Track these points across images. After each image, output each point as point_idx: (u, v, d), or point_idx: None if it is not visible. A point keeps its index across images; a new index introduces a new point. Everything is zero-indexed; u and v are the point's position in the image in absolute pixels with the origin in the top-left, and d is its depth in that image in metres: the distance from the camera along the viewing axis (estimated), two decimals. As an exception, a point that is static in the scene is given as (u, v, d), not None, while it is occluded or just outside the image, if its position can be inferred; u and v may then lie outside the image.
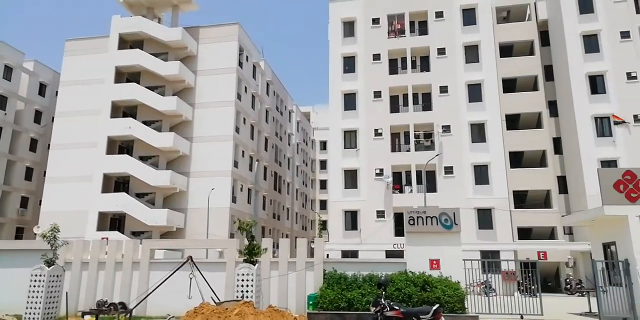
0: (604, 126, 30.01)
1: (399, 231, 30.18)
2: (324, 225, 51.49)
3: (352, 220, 32.76)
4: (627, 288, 12.66)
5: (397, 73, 35.00)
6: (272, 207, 42.72)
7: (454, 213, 13.65)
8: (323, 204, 58.66)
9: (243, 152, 35.87)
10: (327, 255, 28.02)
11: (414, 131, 33.32)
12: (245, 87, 37.03)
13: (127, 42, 35.71)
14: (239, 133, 35.04)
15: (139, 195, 32.14)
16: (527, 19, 35.10)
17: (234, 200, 33.30)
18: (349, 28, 36.29)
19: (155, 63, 33.57)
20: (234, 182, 33.55)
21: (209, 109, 34.05)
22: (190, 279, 12.01)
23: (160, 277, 12.68)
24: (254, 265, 11.63)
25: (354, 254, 30.58)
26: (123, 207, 30.58)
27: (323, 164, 61.12)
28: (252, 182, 37.13)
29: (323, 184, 60.45)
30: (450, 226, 13.54)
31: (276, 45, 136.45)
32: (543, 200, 31.65)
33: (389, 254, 29.45)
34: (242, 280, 11.37)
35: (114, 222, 32.50)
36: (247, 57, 37.65)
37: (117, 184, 33.54)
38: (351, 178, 33.48)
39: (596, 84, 30.70)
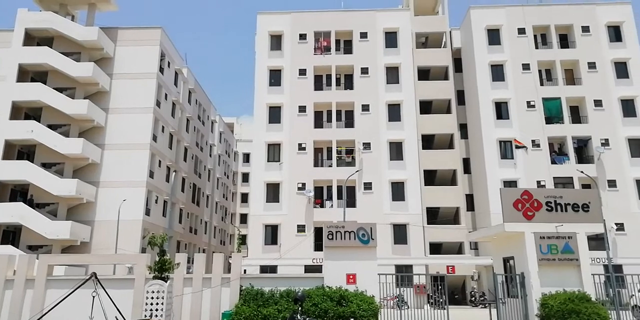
0: (507, 149, 32.74)
1: (318, 246, 30.37)
2: (243, 239, 50.53)
3: (272, 234, 32.46)
4: (522, 300, 13.69)
5: (322, 89, 35.68)
6: (189, 220, 41.15)
7: (371, 228, 13.99)
8: (243, 218, 57.65)
9: (160, 161, 34.33)
10: (245, 271, 27.46)
11: (337, 147, 34.02)
12: (166, 94, 35.70)
13: (34, 39, 32.98)
14: (156, 142, 33.55)
15: (39, 206, 29.39)
16: (443, 46, 37.64)
17: (147, 212, 31.62)
18: (276, 41, 36.52)
19: (66, 63, 31.29)
20: (148, 194, 31.90)
21: (125, 115, 32.29)
22: (93, 297, 11.09)
23: (59, 295, 11.57)
24: (165, 281, 11.04)
25: (273, 269, 30.22)
26: (19, 218, 27.74)
27: (245, 177, 60.26)
28: (169, 194, 35.56)
29: (244, 198, 59.46)
30: (367, 241, 13.85)
31: (201, 54, 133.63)
32: (453, 217, 33.61)
33: (309, 268, 29.48)
34: (152, 297, 10.73)
35: (7, 235, 29.35)
36: (169, 63, 36.43)
37: (14, 192, 30.46)
38: (273, 192, 33.28)
39: (501, 110, 33.49)
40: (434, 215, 33.58)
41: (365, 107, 34.57)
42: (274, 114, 34.92)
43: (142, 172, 31.52)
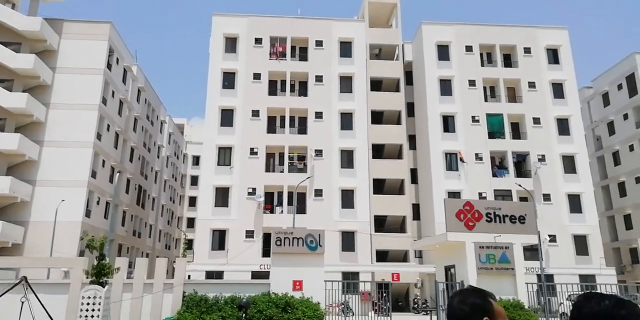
0: (452, 161, 34.04)
1: (266, 252, 30.08)
2: (189, 244, 49.17)
3: (220, 239, 31.87)
4: (462, 306, 14.25)
5: (276, 94, 35.65)
6: (133, 223, 39.63)
7: (319, 235, 14.10)
8: (191, 222, 56.10)
9: (104, 161, 32.93)
10: (189, 276, 26.75)
11: (289, 153, 34.02)
12: (113, 92, 34.38)
13: (-31, 26, 30.86)
14: (100, 140, 32.17)
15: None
16: (395, 58, 38.71)
17: (87, 214, 30.17)
18: (231, 44, 36.16)
19: (4, 53, 29.45)
20: (89, 194, 30.48)
21: (68, 111, 30.77)
22: (22, 302, 10.44)
23: (-17, 302, 10.79)
24: (103, 287, 10.59)
25: (219, 275, 29.63)
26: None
27: (194, 180, 58.77)
28: (112, 195, 34.12)
29: (192, 201, 57.93)
30: (315, 248, 13.94)
31: (154, 53, 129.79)
32: (399, 226, 34.43)
33: (256, 275, 29.16)
34: (88, 303, 10.24)
35: None
36: (117, 59, 35.15)
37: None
38: (222, 196, 32.75)
39: (448, 123, 34.84)
40: (381, 224, 34.25)
41: (319, 115, 34.85)
42: (227, 116, 34.47)
43: (84, 171, 30.09)
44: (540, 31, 37.16)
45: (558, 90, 35.80)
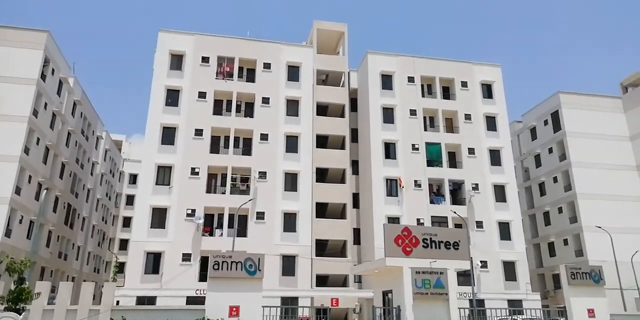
0: (392, 187, 34.97)
1: (204, 276, 29.05)
2: (120, 267, 46.49)
3: (154, 262, 30.40)
4: (398, 331, 14.41)
5: (221, 114, 35.28)
6: (59, 244, 37.06)
7: (259, 259, 13.85)
8: (124, 244, 53.28)
9: (30, 177, 30.82)
10: (118, 302, 25.18)
11: (232, 174, 33.52)
12: (46, 103, 32.62)
13: None
14: (28, 154, 30.19)
15: None
16: (341, 85, 39.73)
17: (7, 233, 27.93)
18: (176, 61, 35.61)
19: None
20: (11, 212, 28.29)
21: (-6, 123, 28.69)
22: None
23: None
24: (20, 314, 9.73)
25: (151, 300, 28.14)
26: None
27: (130, 199, 56.20)
28: (37, 214, 31.79)
29: (127, 222, 55.16)
30: (254, 272, 13.65)
31: (95, 67, 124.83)
32: (340, 250, 34.57)
33: (191, 300, 28.00)
34: (0, 334, 9.35)
35: None
36: (53, 70, 33.57)
37: None
38: (159, 217, 31.47)
39: (389, 150, 35.94)
40: (322, 248, 34.23)
41: (264, 137, 34.79)
42: (168, 135, 33.54)
43: (7, 187, 27.98)
44: (476, 67, 39.71)
45: (491, 123, 38.15)
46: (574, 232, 39.78)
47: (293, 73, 37.21)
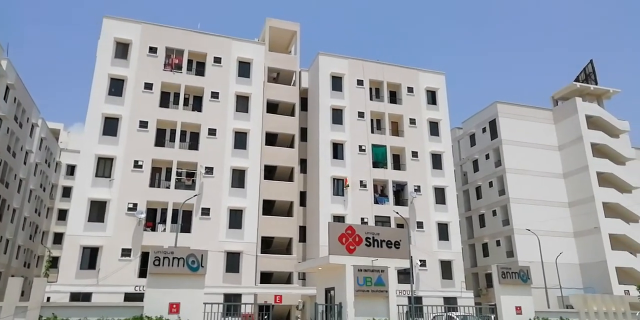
0: (339, 186, 35.58)
1: (144, 272, 28.19)
2: (54, 262, 44.09)
3: (90, 258, 29.13)
4: (338, 327, 14.79)
5: (168, 107, 34.38)
6: (-17, 237, 34.56)
7: (202, 255, 13.70)
8: (58, 238, 50.46)
9: (-46, 165, 28.55)
10: (49, 299, 23.98)
11: (177, 168, 32.76)
12: (-25, 88, 30.33)
13: None
14: (-47, 141, 27.95)
15: None
16: (292, 84, 39.87)
17: None
18: (122, 50, 34.25)
19: None
20: None
21: None
22: None
23: None
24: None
25: (86, 297, 27.01)
26: None
27: (66, 191, 53.25)
28: (-41, 205, 29.53)
29: (62, 215, 52.23)
30: (196, 268, 13.50)
31: (34, 51, 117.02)
32: (286, 247, 34.73)
33: (130, 297, 27.16)
34: None
35: None
36: (-15, 52, 31.27)
37: None
38: (98, 210, 30.20)
39: (337, 151, 36.52)
40: (268, 245, 34.25)
41: (212, 132, 34.25)
42: (110, 125, 32.24)
43: None
44: (421, 73, 41.15)
45: (434, 128, 39.69)
46: (506, 234, 42.25)
47: (244, 69, 36.88)
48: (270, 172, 36.08)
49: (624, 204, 42.39)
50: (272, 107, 37.94)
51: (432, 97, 40.87)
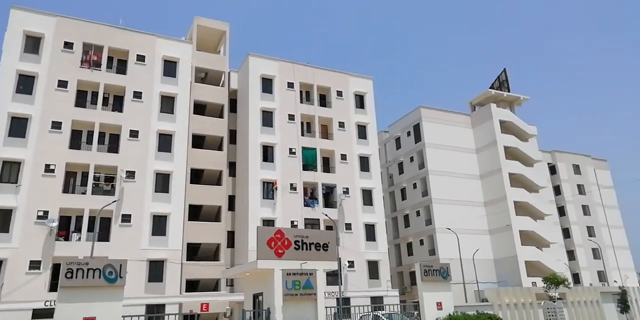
0: (268, 190, 35.27)
1: (56, 286, 26.08)
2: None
3: (-8, 272, 26.41)
4: (267, 333, 14.57)
5: (85, 106, 32.19)
6: None
7: (120, 265, 12.93)
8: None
9: None
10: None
11: (95, 173, 30.72)
12: None
13: None
14: None
15: None
16: (221, 84, 38.98)
17: None
18: (32, 44, 31.56)
19: None
20: None
21: None
22: None
23: None
24: None
25: (-15, 316, 24.43)
26: None
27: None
28: None
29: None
30: (114, 280, 12.70)
31: None
32: (213, 253, 33.76)
33: (39, 313, 25.07)
34: None
35: None
36: None
37: None
38: (3, 219, 27.50)
39: (267, 153, 36.21)
40: (194, 252, 33.09)
41: (134, 133, 32.54)
42: (18, 126, 29.54)
43: None
44: (350, 78, 42.02)
45: (362, 131, 40.64)
46: (429, 233, 44.24)
47: (170, 68, 35.48)
48: (197, 176, 34.95)
49: (532, 203, 46.03)
50: (200, 108, 36.82)
51: (360, 101, 41.83)
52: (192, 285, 31.98)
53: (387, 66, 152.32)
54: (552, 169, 57.50)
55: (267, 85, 38.01)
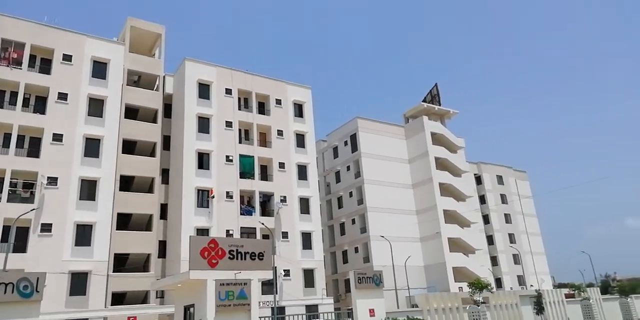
0: (203, 198, 34.38)
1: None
2: None
3: None
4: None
5: (2, 107, 29.93)
6: None
7: (37, 278, 12.05)
8: None
9: None
10: None
11: (11, 178, 28.43)
12: None
13: None
14: None
15: None
16: (155, 89, 37.66)
17: None
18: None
19: None
20: None
21: None
22: None
23: None
24: None
25: None
26: None
27: None
28: None
29: None
30: (29, 294, 11.80)
31: None
32: (142, 264, 32.24)
33: None
34: None
35: None
36: None
37: None
38: None
39: (203, 161, 35.33)
40: (122, 262, 31.42)
41: (58, 137, 30.55)
42: None
43: None
44: (289, 87, 42.21)
45: (300, 140, 40.88)
46: (363, 241, 45.14)
47: (99, 69, 33.76)
48: (127, 183, 33.36)
49: (460, 211, 48.43)
50: (132, 113, 35.27)
51: (299, 109, 42.09)
52: (119, 298, 30.32)
53: (326, 76, 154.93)
54: (478, 180, 60.93)
55: (204, 90, 37.23)
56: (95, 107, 32.78)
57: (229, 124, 37.33)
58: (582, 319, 27.20)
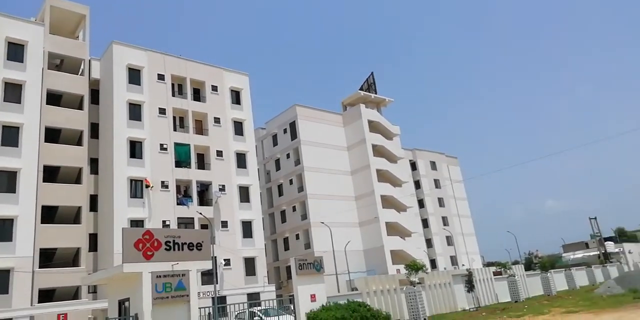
0: (137, 188, 32.97)
1: None
2: None
3: None
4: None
5: None
6: None
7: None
8: None
9: None
10: None
11: None
12: None
13: None
14: None
15: None
16: (80, 73, 35.30)
17: None
18: None
19: None
20: None
21: None
22: None
23: None
24: None
25: None
26: None
27: None
28: None
29: None
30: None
31: None
32: (72, 259, 30.55)
33: None
34: None
35: None
36: None
37: None
38: None
39: (135, 149, 33.79)
40: (49, 258, 29.58)
41: (-31, 126, 27.88)
42: None
43: None
44: (226, 73, 41.21)
45: (238, 127, 40.20)
46: (304, 227, 45.56)
47: (16, 52, 31.08)
48: (51, 174, 31.24)
49: (396, 196, 50.10)
50: (55, 99, 32.89)
51: (236, 96, 41.27)
52: (47, 295, 28.59)
53: (263, 63, 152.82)
54: (413, 166, 63.26)
55: (134, 76, 35.41)
56: (12, 92, 30.21)
57: (162, 111, 35.88)
58: (509, 294, 29.28)
